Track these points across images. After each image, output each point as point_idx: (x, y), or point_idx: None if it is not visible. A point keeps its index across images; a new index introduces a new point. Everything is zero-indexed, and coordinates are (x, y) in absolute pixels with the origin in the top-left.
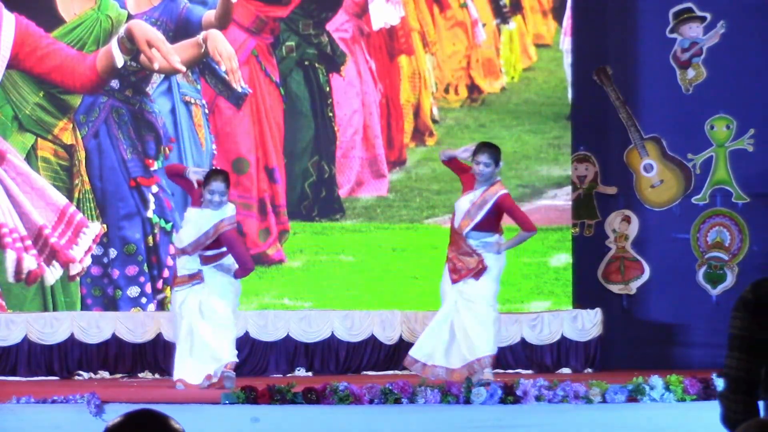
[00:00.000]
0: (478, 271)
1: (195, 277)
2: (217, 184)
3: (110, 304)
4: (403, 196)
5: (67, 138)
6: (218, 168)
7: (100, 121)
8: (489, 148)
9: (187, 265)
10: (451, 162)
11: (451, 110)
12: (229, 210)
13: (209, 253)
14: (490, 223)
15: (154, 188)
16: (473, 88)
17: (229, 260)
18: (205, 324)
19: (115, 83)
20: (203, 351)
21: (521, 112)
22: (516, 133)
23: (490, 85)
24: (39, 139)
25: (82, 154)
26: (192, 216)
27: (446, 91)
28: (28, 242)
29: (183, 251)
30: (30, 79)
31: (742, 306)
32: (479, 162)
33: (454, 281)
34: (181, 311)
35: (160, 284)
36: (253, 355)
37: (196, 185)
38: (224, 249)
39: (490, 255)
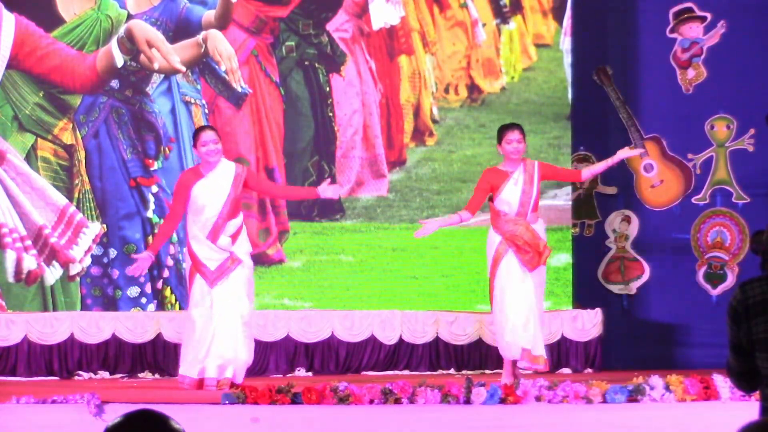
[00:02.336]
0: (546, 256)
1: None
2: (207, 133)
3: (110, 304)
4: (403, 196)
5: (67, 138)
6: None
7: (100, 121)
8: (518, 126)
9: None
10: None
11: (451, 110)
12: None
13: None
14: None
15: (154, 188)
16: (473, 88)
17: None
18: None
19: (115, 83)
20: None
21: (521, 112)
22: None
23: (490, 85)
24: (39, 139)
25: (82, 154)
26: (201, 190)
27: (446, 91)
28: (28, 242)
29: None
30: (30, 79)
31: (729, 312)
32: (513, 140)
33: (535, 267)
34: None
35: (160, 284)
36: (254, 355)
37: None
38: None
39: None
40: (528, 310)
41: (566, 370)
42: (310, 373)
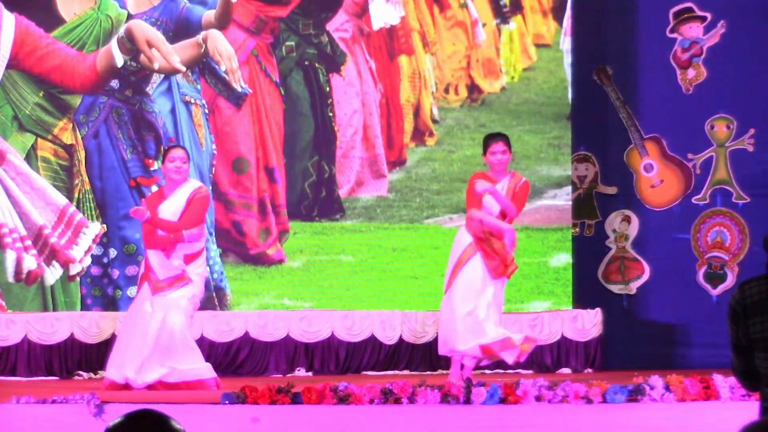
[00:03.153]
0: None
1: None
2: (177, 151)
3: (110, 304)
4: (403, 196)
5: (67, 138)
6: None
7: (100, 121)
8: (503, 136)
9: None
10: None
11: (451, 110)
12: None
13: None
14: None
15: (154, 188)
16: (473, 88)
17: None
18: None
19: (115, 83)
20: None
21: (521, 112)
22: (516, 133)
23: (490, 85)
24: (39, 139)
25: (82, 154)
26: (163, 209)
27: (446, 91)
28: (28, 242)
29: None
30: (30, 79)
31: (729, 312)
32: (496, 152)
33: (499, 276)
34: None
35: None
36: (253, 355)
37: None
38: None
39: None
40: (484, 308)
41: (566, 370)
42: (310, 373)
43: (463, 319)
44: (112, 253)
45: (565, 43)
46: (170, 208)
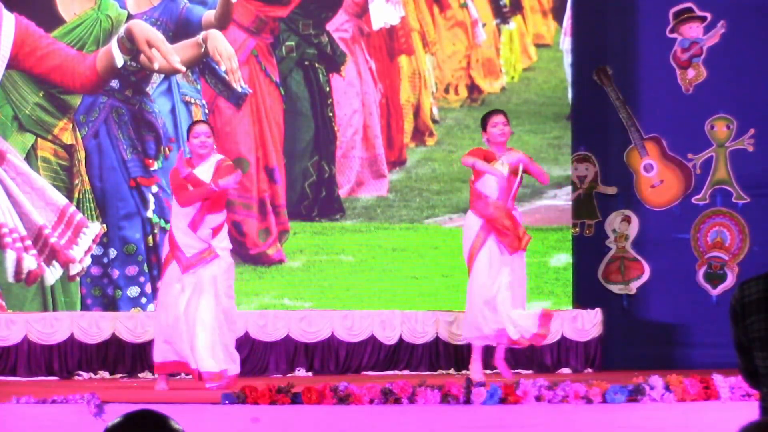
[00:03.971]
0: (526, 242)
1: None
2: (200, 126)
3: (110, 304)
4: (403, 196)
5: (67, 138)
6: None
7: (100, 121)
8: (502, 111)
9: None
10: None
11: (451, 110)
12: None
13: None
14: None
15: (154, 188)
16: (473, 88)
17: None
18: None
19: (115, 83)
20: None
21: (521, 112)
22: (516, 133)
23: (490, 85)
24: (39, 139)
25: (82, 154)
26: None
27: (446, 91)
28: (28, 242)
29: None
30: (30, 79)
31: (730, 312)
32: (498, 122)
33: (516, 250)
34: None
35: (159, 284)
36: (253, 355)
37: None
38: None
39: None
40: (505, 295)
41: (566, 370)
42: (310, 373)
43: (484, 305)
44: (112, 253)
45: (565, 43)
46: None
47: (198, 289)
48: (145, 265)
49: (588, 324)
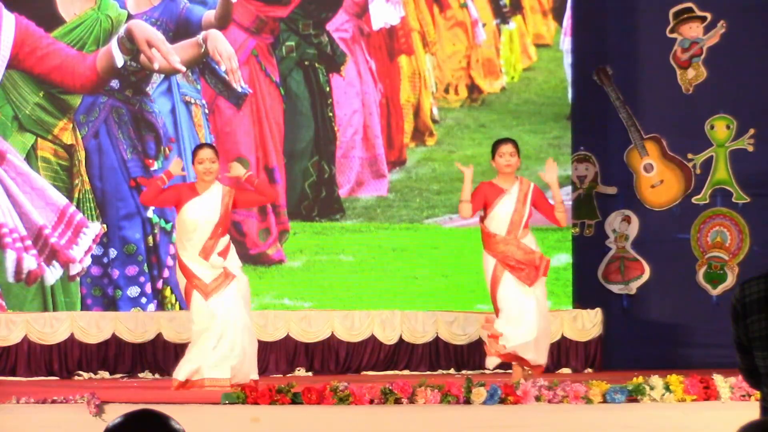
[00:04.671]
0: (545, 267)
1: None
2: (205, 151)
3: (110, 304)
4: (403, 196)
5: (67, 138)
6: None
7: (100, 121)
8: (512, 140)
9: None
10: (473, 205)
11: (451, 110)
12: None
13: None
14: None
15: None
16: (473, 88)
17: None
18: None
19: (115, 83)
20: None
21: (521, 112)
22: (516, 133)
23: (490, 85)
24: (39, 139)
25: (82, 154)
26: (194, 207)
27: (446, 91)
28: (28, 242)
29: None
30: (30, 79)
31: (731, 311)
32: (505, 153)
33: (534, 281)
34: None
35: (160, 284)
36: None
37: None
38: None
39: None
40: (533, 324)
41: (566, 370)
42: (310, 373)
43: (513, 323)
44: (112, 253)
45: (565, 43)
46: (201, 209)
47: (229, 305)
48: (145, 265)
49: (588, 324)
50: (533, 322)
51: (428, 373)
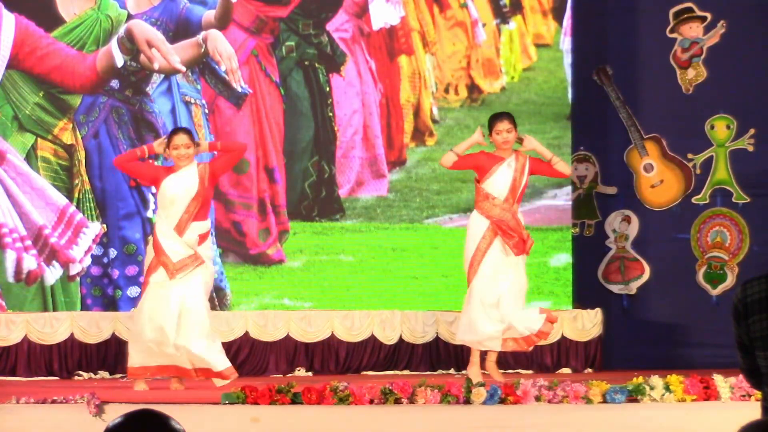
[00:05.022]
0: (530, 246)
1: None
2: (179, 138)
3: (110, 304)
4: (403, 196)
5: (67, 138)
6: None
7: (100, 121)
8: (508, 114)
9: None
10: (458, 161)
11: (451, 110)
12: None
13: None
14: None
15: (154, 188)
16: (473, 88)
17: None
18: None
19: (115, 83)
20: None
21: (521, 112)
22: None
23: (490, 85)
24: (39, 139)
25: (82, 154)
26: (171, 182)
27: (446, 91)
28: (28, 242)
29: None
30: (30, 79)
31: (732, 311)
32: (502, 130)
33: (521, 252)
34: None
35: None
36: (253, 355)
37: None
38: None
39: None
40: (512, 295)
41: (566, 370)
42: (310, 373)
43: (489, 307)
44: (112, 253)
45: (565, 43)
46: (177, 185)
47: (188, 290)
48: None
49: (588, 324)
50: (507, 315)
51: (428, 373)
